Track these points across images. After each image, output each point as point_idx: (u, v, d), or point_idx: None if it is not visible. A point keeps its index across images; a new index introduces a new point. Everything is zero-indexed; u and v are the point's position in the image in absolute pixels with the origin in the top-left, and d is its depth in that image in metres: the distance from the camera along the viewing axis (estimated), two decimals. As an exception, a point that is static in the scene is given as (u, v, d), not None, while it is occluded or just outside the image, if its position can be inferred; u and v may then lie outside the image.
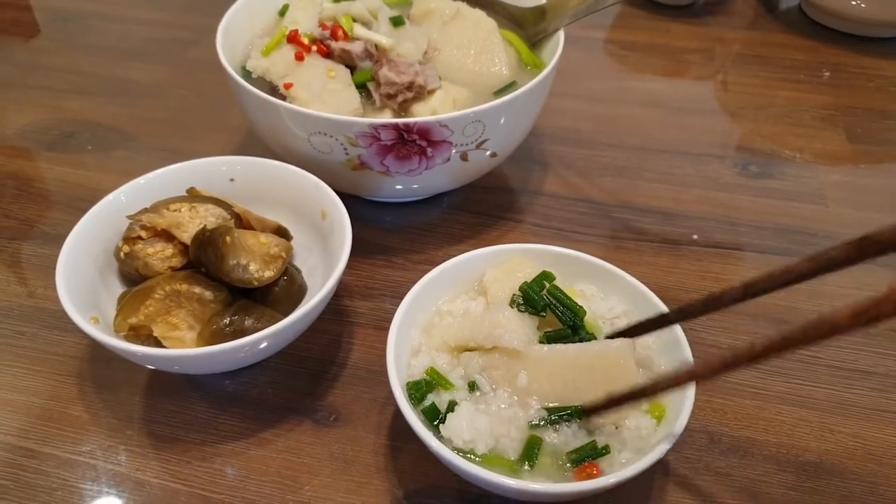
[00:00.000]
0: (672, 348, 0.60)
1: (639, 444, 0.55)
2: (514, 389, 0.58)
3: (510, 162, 0.91)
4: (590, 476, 0.53)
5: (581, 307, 0.62)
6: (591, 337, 0.61)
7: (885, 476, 0.62)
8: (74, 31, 1.25)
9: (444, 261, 0.66)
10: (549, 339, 0.61)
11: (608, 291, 0.66)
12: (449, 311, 0.65)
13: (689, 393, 0.55)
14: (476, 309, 0.64)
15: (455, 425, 0.55)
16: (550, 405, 0.57)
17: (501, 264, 0.67)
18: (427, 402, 0.58)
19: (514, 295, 0.63)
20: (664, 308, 0.61)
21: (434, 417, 0.56)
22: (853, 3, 1.16)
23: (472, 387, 0.59)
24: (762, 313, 0.75)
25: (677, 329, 0.59)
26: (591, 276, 0.67)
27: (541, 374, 0.58)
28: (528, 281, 0.63)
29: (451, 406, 0.57)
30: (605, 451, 0.55)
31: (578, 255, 0.67)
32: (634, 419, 0.57)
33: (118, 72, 1.14)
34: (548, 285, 0.63)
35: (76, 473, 0.63)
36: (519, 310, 0.62)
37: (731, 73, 1.17)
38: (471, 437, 0.55)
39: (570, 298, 0.62)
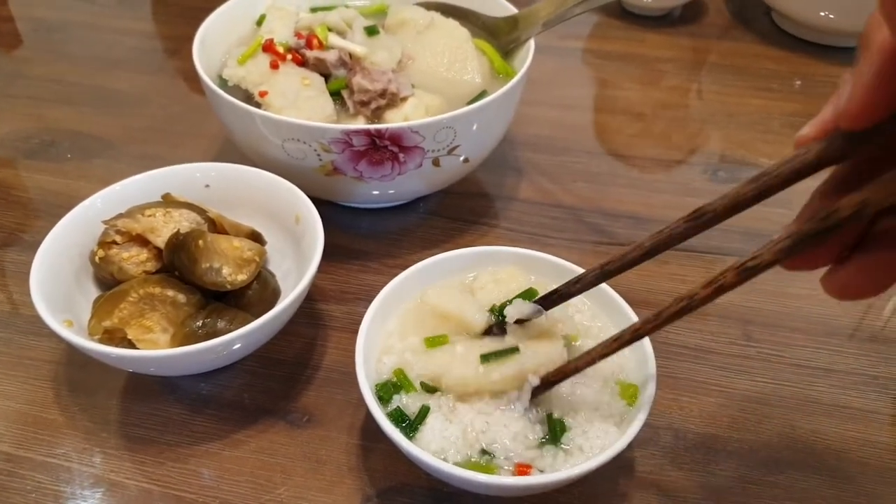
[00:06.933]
0: (640, 355, 0.61)
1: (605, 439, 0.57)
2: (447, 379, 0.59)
3: (485, 168, 0.93)
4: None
5: None
6: None
7: (843, 469, 0.63)
8: (57, 42, 1.26)
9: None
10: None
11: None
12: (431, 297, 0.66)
13: (650, 389, 0.57)
14: None
15: (426, 436, 0.57)
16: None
17: (494, 273, 0.68)
18: (394, 404, 0.59)
19: (493, 306, 0.63)
20: (631, 313, 0.63)
21: (400, 421, 0.57)
22: (822, 13, 1.19)
23: (427, 388, 0.60)
24: (730, 315, 0.77)
25: (645, 340, 0.60)
26: (561, 279, 0.68)
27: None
28: (511, 298, 0.63)
29: (424, 413, 0.58)
30: None
31: (551, 259, 0.68)
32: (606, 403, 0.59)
33: (100, 81, 1.15)
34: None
35: (51, 476, 0.63)
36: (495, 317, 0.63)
37: (705, 83, 1.20)
38: (440, 447, 0.56)
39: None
